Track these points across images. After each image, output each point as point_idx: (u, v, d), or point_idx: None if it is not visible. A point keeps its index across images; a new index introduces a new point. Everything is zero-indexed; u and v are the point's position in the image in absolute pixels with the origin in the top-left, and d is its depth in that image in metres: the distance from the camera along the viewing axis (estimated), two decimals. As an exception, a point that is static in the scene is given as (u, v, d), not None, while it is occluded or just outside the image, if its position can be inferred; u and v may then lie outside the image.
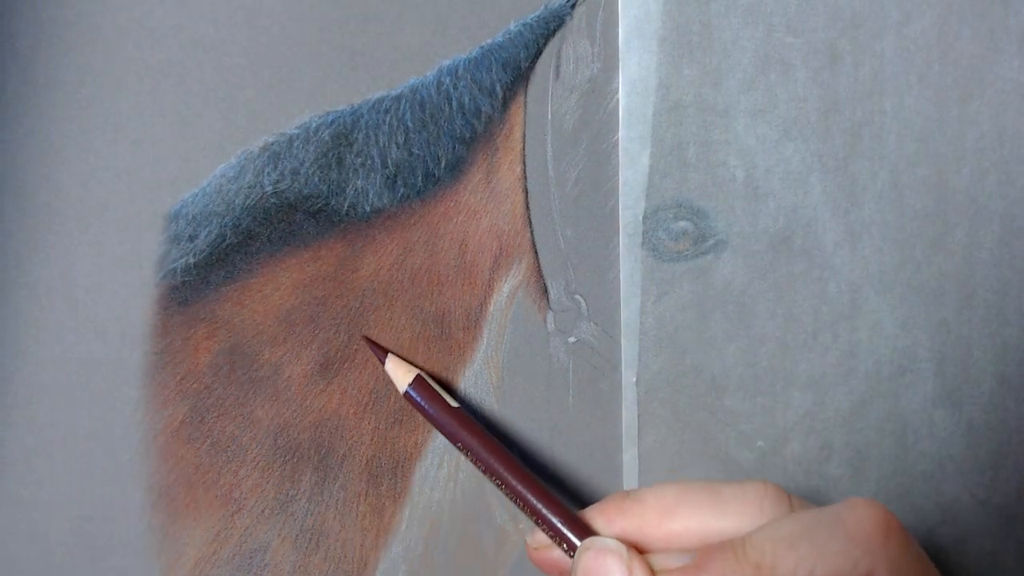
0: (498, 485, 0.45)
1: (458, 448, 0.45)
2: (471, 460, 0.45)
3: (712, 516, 0.38)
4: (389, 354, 0.48)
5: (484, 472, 0.45)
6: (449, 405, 0.46)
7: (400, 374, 0.47)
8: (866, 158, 0.52)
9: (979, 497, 0.55)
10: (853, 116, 0.52)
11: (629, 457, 0.53)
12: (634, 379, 0.52)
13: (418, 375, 0.47)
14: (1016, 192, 0.53)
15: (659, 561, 0.38)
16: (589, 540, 0.39)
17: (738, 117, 0.51)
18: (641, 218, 0.51)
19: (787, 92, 0.52)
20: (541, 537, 0.43)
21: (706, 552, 0.37)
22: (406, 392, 0.47)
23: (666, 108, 0.51)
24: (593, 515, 0.41)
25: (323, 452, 0.48)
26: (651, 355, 0.52)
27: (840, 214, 0.53)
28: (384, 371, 0.47)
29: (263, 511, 0.48)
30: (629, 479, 0.53)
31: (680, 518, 0.39)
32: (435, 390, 0.47)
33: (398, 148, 0.48)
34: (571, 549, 0.41)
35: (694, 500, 0.39)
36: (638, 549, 0.39)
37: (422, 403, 0.46)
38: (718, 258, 0.52)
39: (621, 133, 0.51)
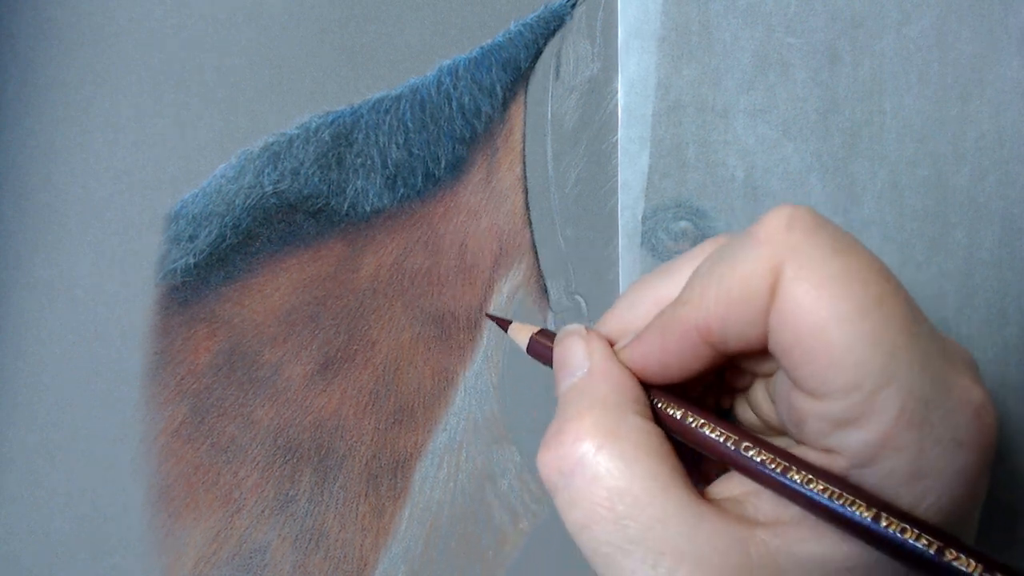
0: None
1: None
2: None
3: (665, 288, 0.39)
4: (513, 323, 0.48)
5: None
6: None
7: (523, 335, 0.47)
8: (866, 158, 0.52)
9: (979, 497, 0.55)
10: (853, 116, 0.52)
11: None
12: (634, 379, 0.52)
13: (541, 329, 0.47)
14: (1016, 192, 0.53)
15: (621, 342, 0.39)
16: (559, 332, 0.40)
17: (737, 117, 0.51)
18: (640, 218, 0.51)
19: (787, 92, 0.52)
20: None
21: (656, 315, 0.37)
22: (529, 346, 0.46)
23: (665, 108, 0.51)
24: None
25: (323, 452, 0.48)
26: (651, 355, 0.52)
27: (840, 214, 0.53)
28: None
29: (263, 511, 0.48)
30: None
31: (640, 304, 0.39)
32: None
33: (398, 148, 0.48)
34: None
35: (650, 283, 0.40)
36: (614, 343, 0.39)
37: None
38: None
39: (620, 133, 0.51)
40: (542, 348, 0.44)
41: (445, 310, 0.49)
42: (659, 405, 0.37)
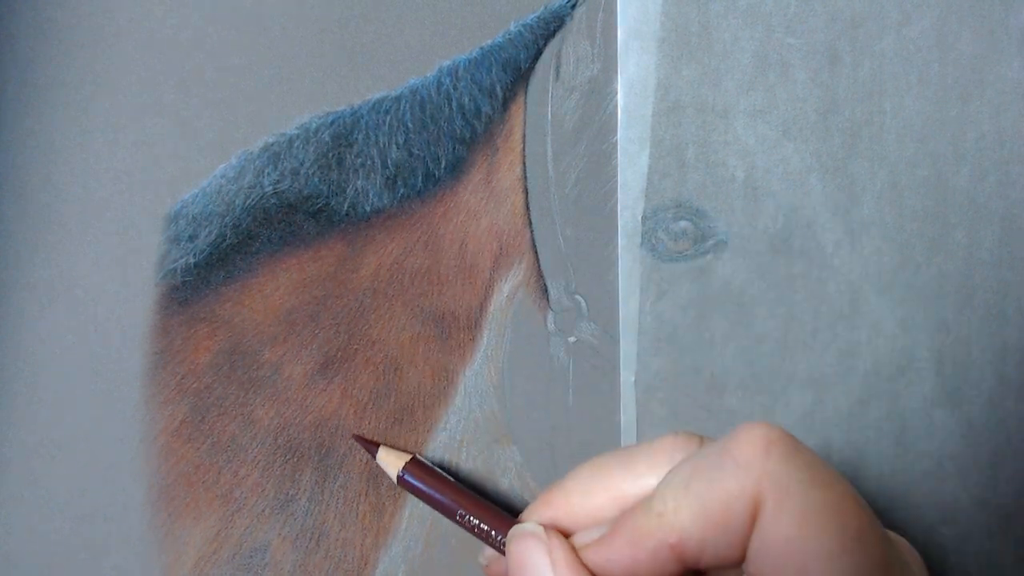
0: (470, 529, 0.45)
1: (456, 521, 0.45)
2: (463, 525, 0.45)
3: (626, 482, 0.38)
4: (381, 446, 0.48)
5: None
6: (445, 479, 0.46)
7: (392, 461, 0.47)
8: (865, 158, 0.52)
9: (978, 497, 0.55)
10: (852, 116, 0.52)
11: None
12: (632, 379, 0.52)
13: (412, 457, 0.47)
14: (1016, 192, 0.53)
15: (580, 538, 0.38)
16: (512, 529, 0.40)
17: (737, 118, 0.51)
18: (640, 218, 0.51)
19: (786, 92, 0.52)
20: (489, 552, 0.44)
21: (621, 517, 0.37)
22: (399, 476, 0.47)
23: (665, 109, 0.51)
24: (526, 515, 0.41)
25: (323, 452, 0.49)
26: (650, 355, 0.52)
27: (840, 214, 0.53)
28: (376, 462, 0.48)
29: (263, 510, 0.48)
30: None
31: (598, 493, 0.39)
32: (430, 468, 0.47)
33: (398, 148, 0.48)
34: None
35: (608, 472, 0.39)
36: (566, 534, 0.39)
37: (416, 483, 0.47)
38: (718, 258, 0.52)
39: (620, 134, 0.51)
40: (415, 486, 0.45)
41: (445, 310, 0.49)
42: None
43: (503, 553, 0.42)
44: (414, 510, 0.50)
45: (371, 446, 0.48)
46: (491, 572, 0.44)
